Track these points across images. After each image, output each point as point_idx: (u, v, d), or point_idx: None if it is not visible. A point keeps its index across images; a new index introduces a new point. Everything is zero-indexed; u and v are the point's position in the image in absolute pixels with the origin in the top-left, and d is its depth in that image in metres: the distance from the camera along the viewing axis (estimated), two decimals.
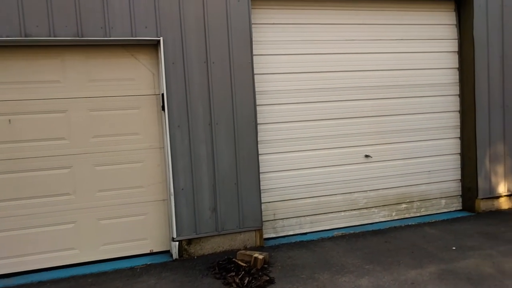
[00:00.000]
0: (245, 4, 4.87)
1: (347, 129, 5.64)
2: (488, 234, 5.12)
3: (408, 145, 5.94)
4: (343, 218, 5.69)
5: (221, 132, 4.87)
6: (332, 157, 5.61)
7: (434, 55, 5.99)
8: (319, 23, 5.49)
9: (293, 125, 5.43)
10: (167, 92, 4.67)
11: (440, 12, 6.00)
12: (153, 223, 4.91)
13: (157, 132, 4.87)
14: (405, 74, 5.87)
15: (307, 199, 5.53)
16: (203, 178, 4.84)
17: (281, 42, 5.34)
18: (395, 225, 5.68)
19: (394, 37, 5.80)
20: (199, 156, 4.80)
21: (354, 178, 5.71)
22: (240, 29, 4.87)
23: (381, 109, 5.77)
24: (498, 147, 6.04)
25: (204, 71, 4.78)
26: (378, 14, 5.70)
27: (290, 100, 5.39)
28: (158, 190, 4.92)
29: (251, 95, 4.95)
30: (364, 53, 5.68)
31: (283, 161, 5.42)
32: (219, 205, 4.90)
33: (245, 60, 4.91)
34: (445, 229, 5.43)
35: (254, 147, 5.00)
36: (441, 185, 6.13)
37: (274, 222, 5.42)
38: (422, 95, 5.96)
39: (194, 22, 4.72)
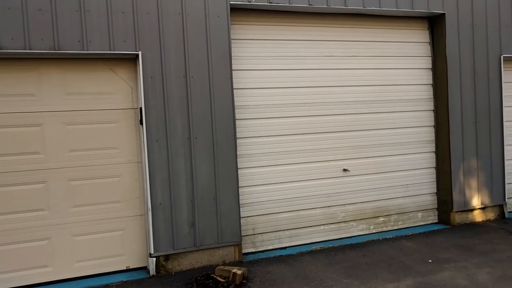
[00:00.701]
0: (225, 20, 4.92)
1: (325, 143, 5.71)
2: (463, 246, 5.23)
3: (385, 159, 6.05)
4: (322, 232, 5.71)
5: (200, 146, 4.86)
6: (311, 171, 5.66)
7: (409, 72, 6.15)
8: (297, 39, 5.59)
9: (272, 139, 5.46)
10: (146, 106, 4.65)
11: (414, 31, 6.20)
12: (130, 239, 4.83)
13: (135, 146, 4.82)
14: (382, 90, 6.01)
15: (286, 213, 5.54)
16: (181, 192, 4.80)
17: (260, 58, 5.40)
18: (373, 238, 5.74)
19: (371, 53, 5.94)
20: (177, 170, 4.77)
21: (333, 192, 5.77)
22: (219, 45, 4.91)
23: (358, 124, 5.87)
24: (471, 161, 6.20)
25: (183, 86, 4.78)
26: (355, 31, 5.84)
27: (269, 115, 5.44)
28: (135, 205, 4.85)
29: (231, 110, 4.97)
30: (342, 69, 5.79)
31: (262, 175, 5.43)
32: (198, 220, 4.86)
33: (225, 75, 4.94)
34: (422, 242, 5.51)
35: (233, 161, 5.00)
36: (417, 199, 6.24)
37: (253, 236, 5.40)
38: (398, 110, 6.10)
39: (173, 37, 4.74)
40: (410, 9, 5.80)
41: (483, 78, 6.24)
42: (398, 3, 5.72)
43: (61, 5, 4.34)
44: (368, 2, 5.57)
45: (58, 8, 4.33)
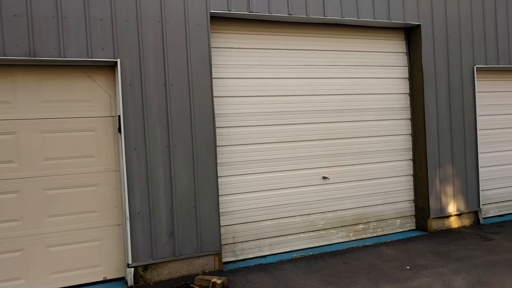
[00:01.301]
0: (205, 28, 4.93)
1: (305, 151, 5.75)
2: (440, 252, 5.32)
3: (364, 167, 6.12)
4: (302, 240, 5.72)
5: (180, 154, 4.82)
6: (291, 179, 5.68)
7: (387, 81, 6.28)
8: (278, 48, 5.63)
9: (252, 147, 5.47)
10: (124, 114, 4.60)
11: (391, 41, 6.34)
12: (107, 249, 4.73)
13: (113, 155, 4.75)
14: (361, 99, 6.10)
15: (266, 222, 5.54)
16: (160, 201, 4.74)
17: (241, 66, 5.43)
18: (353, 245, 5.78)
19: (350, 63, 6.04)
20: (156, 179, 4.72)
21: (313, 200, 5.80)
22: (199, 53, 4.91)
23: (338, 132, 5.94)
24: (447, 169, 6.35)
25: (163, 93, 4.75)
26: (334, 41, 5.94)
27: (250, 123, 5.45)
28: (113, 214, 4.76)
29: (211, 118, 4.96)
30: (321, 78, 5.86)
31: (243, 184, 5.42)
32: (177, 229, 4.81)
33: (205, 83, 4.93)
34: (400, 248, 5.58)
35: (213, 170, 4.98)
36: (396, 206, 6.33)
37: (234, 245, 5.37)
38: (377, 119, 6.20)
39: (152, 45, 4.71)
40: (387, 20, 5.93)
41: (458, 87, 6.42)
42: (375, 14, 5.85)
43: (37, 11, 4.27)
44: (347, 13, 5.67)
45: (34, 14, 4.26)
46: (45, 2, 4.31)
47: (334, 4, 5.59)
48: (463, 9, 6.44)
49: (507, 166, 7.09)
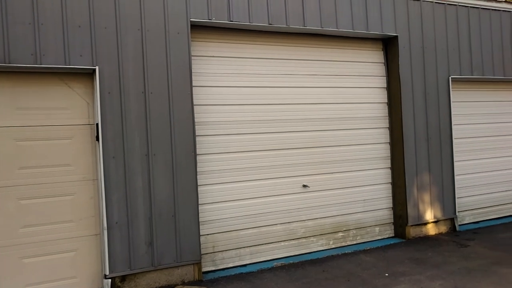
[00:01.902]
0: (185, 37, 4.93)
1: (285, 160, 5.78)
2: (417, 259, 5.40)
3: (344, 175, 6.19)
4: (282, 248, 5.72)
5: (159, 163, 4.77)
6: (272, 187, 5.69)
7: (366, 90, 6.39)
8: (258, 57, 5.67)
9: (233, 155, 5.46)
10: (102, 122, 4.53)
11: (370, 51, 6.46)
12: (83, 260, 4.62)
13: (90, 164, 4.67)
14: (340, 108, 6.19)
15: (247, 230, 5.52)
16: (139, 211, 4.68)
17: (221, 75, 5.44)
18: (333, 253, 5.81)
19: (330, 72, 6.12)
20: (135, 188, 4.66)
21: (293, 208, 5.82)
22: (179, 61, 4.90)
23: (318, 141, 5.99)
24: (424, 177, 6.47)
25: (142, 101, 4.71)
26: (314, 50, 6.02)
27: (230, 131, 5.45)
28: (90, 224, 4.67)
29: (191, 126, 4.94)
30: (302, 87, 5.92)
31: (223, 192, 5.40)
32: (156, 238, 4.75)
33: (185, 91, 4.92)
34: (379, 256, 5.64)
35: (193, 178, 4.94)
36: (375, 213, 6.40)
37: (214, 254, 5.33)
38: (355, 127, 6.29)
39: (132, 52, 4.68)
40: (366, 31, 6.05)
41: (434, 97, 6.58)
42: (354, 25, 5.96)
43: (13, 17, 4.19)
44: (326, 23, 5.76)
45: (9, 20, 4.18)
46: (21, 8, 4.23)
47: (314, 14, 5.67)
48: (438, 21, 6.63)
49: (482, 174, 7.28)
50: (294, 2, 5.55)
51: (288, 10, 5.50)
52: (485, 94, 7.36)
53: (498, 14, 7.20)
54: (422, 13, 6.50)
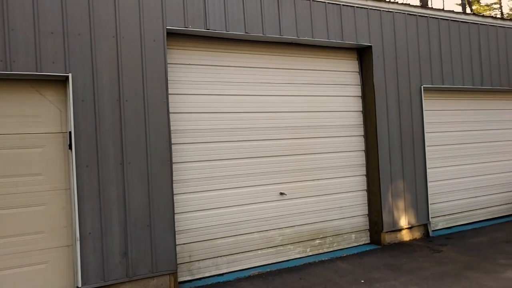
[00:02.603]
0: (161, 45, 4.90)
1: (263, 168, 5.79)
2: (392, 265, 5.48)
3: (321, 182, 6.24)
4: (260, 257, 5.71)
5: (134, 172, 4.70)
6: (249, 195, 5.68)
7: (341, 99, 6.49)
8: (235, 66, 5.69)
9: (209, 164, 5.44)
10: (75, 130, 4.44)
11: (345, 60, 6.58)
12: (54, 272, 4.48)
13: (62, 173, 4.56)
14: (316, 116, 6.26)
15: (224, 239, 5.48)
16: (113, 220, 4.58)
17: (198, 82, 5.42)
18: (310, 261, 5.84)
19: (306, 81, 6.20)
20: (109, 197, 4.57)
21: (271, 216, 5.82)
22: (155, 68, 4.86)
23: (294, 148, 6.04)
24: (398, 183, 6.60)
25: (117, 109, 4.65)
26: (291, 59, 6.08)
27: (207, 139, 5.43)
28: (62, 235, 4.54)
29: (166, 134, 4.90)
30: (278, 95, 5.97)
31: (199, 201, 5.36)
32: (131, 249, 4.66)
33: (160, 99, 4.88)
34: (355, 262, 5.70)
35: (169, 187, 4.89)
36: (351, 220, 6.48)
37: (190, 264, 5.26)
38: (331, 135, 6.37)
39: (107, 60, 4.62)
40: (341, 40, 6.17)
41: (407, 106, 6.74)
42: (329, 34, 6.06)
43: None
44: (302, 33, 5.84)
45: None
46: None
47: (290, 24, 5.75)
48: (410, 32, 6.82)
49: (454, 180, 7.49)
50: (270, 11, 5.61)
51: (265, 19, 5.56)
52: (455, 103, 7.59)
53: (467, 26, 7.47)
54: (395, 24, 6.68)
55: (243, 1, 5.41)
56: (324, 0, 6.04)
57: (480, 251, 5.91)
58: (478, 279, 4.83)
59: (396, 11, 6.70)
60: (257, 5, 5.51)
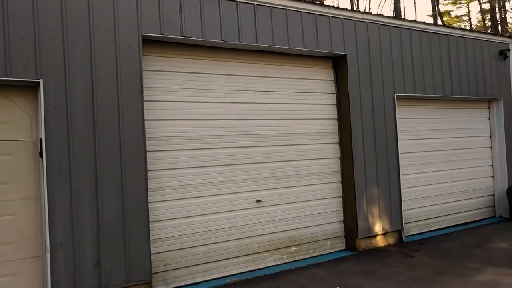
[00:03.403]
0: (136, 51, 4.85)
1: (239, 175, 5.78)
2: (367, 271, 5.55)
3: (297, 189, 6.28)
4: (236, 265, 5.68)
5: (107, 180, 4.61)
6: (225, 203, 5.66)
7: (317, 107, 6.57)
8: (211, 73, 5.69)
9: (185, 171, 5.39)
10: (47, 138, 4.33)
11: (320, 69, 6.67)
12: (23, 284, 4.33)
13: (32, 181, 4.42)
14: (292, 124, 6.31)
15: (199, 247, 5.43)
16: (85, 230, 4.47)
17: (174, 90, 5.39)
18: (286, 268, 5.84)
19: (283, 89, 6.25)
20: (81, 206, 4.46)
21: (247, 223, 5.81)
22: (130, 75, 4.81)
23: (270, 156, 6.06)
24: (373, 190, 6.71)
25: (90, 116, 4.56)
26: (267, 67, 6.13)
27: (183, 147, 5.39)
28: (31, 245, 4.39)
29: (141, 141, 4.83)
30: (255, 103, 5.99)
31: (175, 209, 5.30)
32: (104, 258, 4.55)
33: (135, 106, 4.82)
34: (331, 269, 5.74)
35: (144, 195, 4.82)
36: (327, 227, 6.53)
37: (165, 273, 5.18)
38: (307, 143, 6.43)
39: (80, 66, 4.53)
40: (316, 49, 6.26)
41: (381, 114, 6.88)
42: (305, 43, 6.15)
43: None
44: (278, 41, 5.90)
45: None
46: None
47: (266, 32, 5.80)
48: (384, 42, 6.99)
49: (426, 187, 7.67)
50: (246, 19, 5.64)
51: (241, 27, 5.59)
52: (427, 111, 7.81)
53: (437, 37, 7.72)
54: (369, 34, 6.83)
55: (219, 9, 5.43)
56: (299, 9, 6.13)
57: (452, 256, 6.06)
58: (449, 283, 4.95)
59: (370, 21, 6.86)
60: (234, 13, 5.54)
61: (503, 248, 6.32)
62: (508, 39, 8.97)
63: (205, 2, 5.33)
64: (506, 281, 4.91)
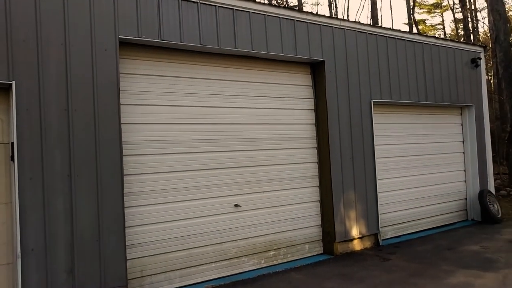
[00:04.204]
0: (113, 54, 4.79)
1: (217, 180, 5.76)
2: (344, 275, 5.60)
3: (275, 193, 6.30)
4: (214, 270, 5.64)
5: (82, 184, 4.52)
6: (203, 208, 5.62)
7: (295, 112, 6.62)
8: (190, 77, 5.67)
9: (162, 176, 5.34)
10: (18, 141, 4.21)
11: (299, 74, 6.74)
12: None
13: (3, 186, 4.29)
14: (271, 128, 6.33)
15: (177, 252, 5.37)
16: (59, 236, 4.36)
17: (152, 93, 5.34)
18: (264, 272, 5.84)
19: (261, 94, 6.27)
20: (54, 211, 4.35)
21: (225, 228, 5.78)
22: (107, 78, 4.74)
23: (248, 160, 6.06)
24: (350, 194, 6.80)
25: (64, 119, 4.46)
26: (246, 72, 6.14)
27: (160, 151, 5.34)
28: (1, 252, 4.25)
29: (117, 145, 4.76)
30: (234, 107, 5.99)
31: (152, 214, 5.23)
32: (77, 265, 4.44)
33: (112, 109, 4.75)
34: (309, 273, 5.77)
35: (120, 200, 4.74)
36: (304, 231, 6.57)
37: (142, 279, 5.10)
38: (285, 147, 6.46)
39: (54, 68, 4.44)
40: (294, 55, 6.32)
41: (358, 119, 7.00)
42: (283, 49, 6.20)
43: None
44: (257, 46, 5.93)
45: None
46: None
47: (245, 37, 5.82)
48: (361, 49, 7.12)
49: (401, 191, 7.82)
50: (225, 24, 5.65)
51: (220, 32, 5.59)
52: (402, 117, 7.98)
53: (412, 45, 7.91)
54: (346, 40, 6.94)
55: (198, 14, 5.42)
56: (278, 15, 6.18)
57: (426, 259, 6.19)
58: (423, 285, 5.05)
59: (347, 28, 6.98)
60: (212, 18, 5.54)
61: (475, 251, 6.50)
62: (480, 48, 9.29)
63: (184, 6, 5.32)
64: (477, 282, 5.05)
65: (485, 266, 5.65)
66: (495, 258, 6.01)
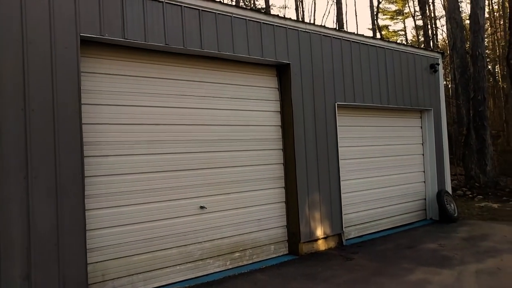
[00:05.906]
0: (74, 52, 4.65)
1: (181, 181, 5.70)
2: (309, 275, 5.68)
3: (240, 195, 6.30)
4: (178, 272, 5.57)
5: (40, 186, 4.35)
6: (167, 210, 5.55)
7: (261, 113, 6.65)
8: (155, 77, 5.58)
9: (126, 177, 5.23)
10: None
11: (265, 77, 6.78)
12: None
13: None
14: (237, 129, 6.34)
15: (140, 255, 5.27)
16: (14, 241, 4.18)
17: (115, 93, 5.22)
18: (230, 274, 5.83)
19: (227, 95, 6.27)
20: (9, 215, 4.16)
21: (190, 230, 5.73)
22: (67, 77, 4.59)
23: (214, 162, 6.04)
24: (315, 195, 6.90)
25: (21, 119, 4.29)
26: (212, 73, 6.12)
27: (123, 152, 5.22)
28: None
29: (78, 146, 4.62)
30: (199, 108, 5.95)
31: (114, 216, 5.11)
32: (34, 271, 4.27)
33: (72, 109, 4.61)
34: (274, 273, 5.81)
35: (80, 202, 4.60)
36: (270, 232, 6.61)
37: (103, 283, 4.97)
38: (251, 149, 6.49)
39: (10, 66, 4.26)
40: (261, 57, 6.36)
41: (322, 121, 7.12)
42: (250, 51, 6.23)
43: None
44: (223, 47, 5.92)
45: None
46: None
47: (211, 38, 5.80)
48: (326, 52, 7.26)
49: (363, 192, 8.02)
50: (191, 24, 5.61)
51: (185, 32, 5.55)
52: (365, 119, 8.20)
53: (375, 50, 8.15)
54: (312, 44, 7.06)
55: (163, 13, 5.36)
56: (245, 17, 6.20)
57: (387, 257, 6.38)
58: (384, 283, 5.20)
59: (312, 32, 7.10)
60: (178, 18, 5.49)
61: (433, 249, 6.76)
62: (438, 54, 9.70)
63: (148, 5, 5.24)
64: (435, 279, 5.26)
65: (442, 263, 5.89)
66: (451, 256, 6.28)
